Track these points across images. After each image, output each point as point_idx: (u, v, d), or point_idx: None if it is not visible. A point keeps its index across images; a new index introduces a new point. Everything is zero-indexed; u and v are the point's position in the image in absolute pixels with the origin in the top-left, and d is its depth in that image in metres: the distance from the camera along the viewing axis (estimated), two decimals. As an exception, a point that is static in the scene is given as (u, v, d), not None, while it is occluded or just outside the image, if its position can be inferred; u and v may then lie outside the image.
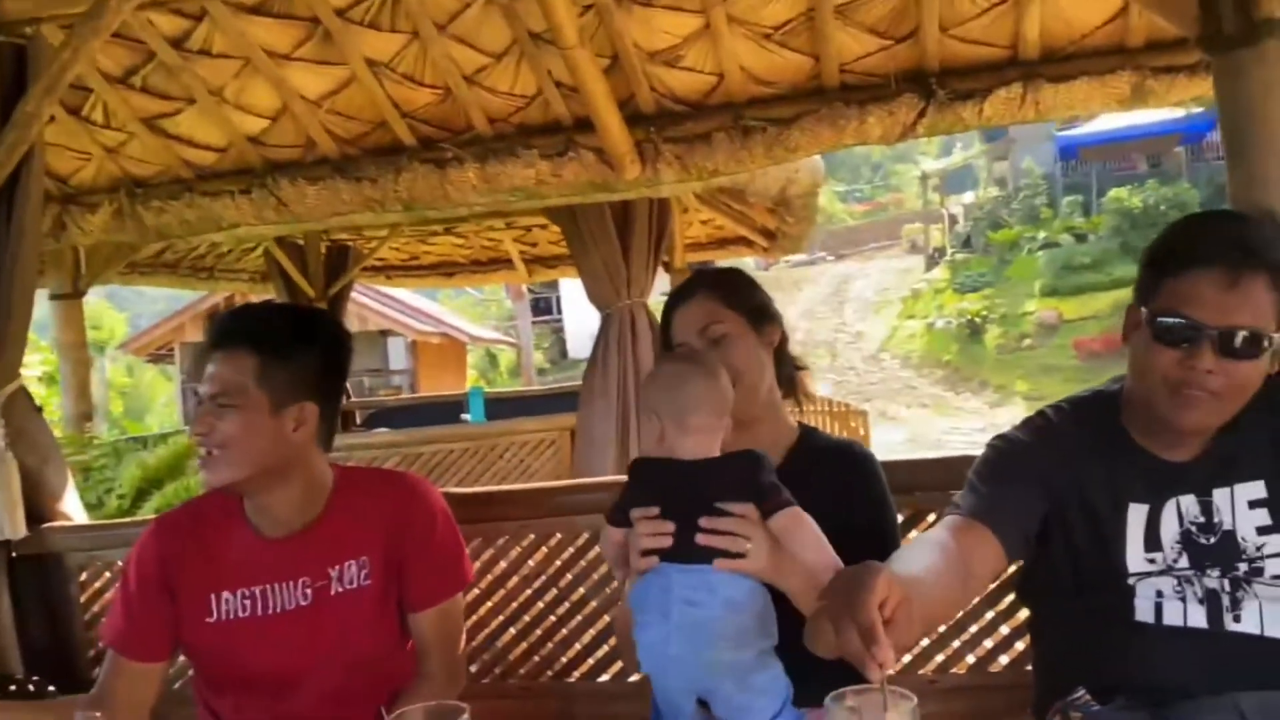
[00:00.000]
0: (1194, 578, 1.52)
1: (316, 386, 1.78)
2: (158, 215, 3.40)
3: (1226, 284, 1.44)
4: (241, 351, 1.71)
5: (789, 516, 1.45)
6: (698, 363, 1.57)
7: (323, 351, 1.81)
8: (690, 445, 1.49)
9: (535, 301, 25.04)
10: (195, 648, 1.82)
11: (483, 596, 2.36)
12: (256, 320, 1.80)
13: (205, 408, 1.71)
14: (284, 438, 1.73)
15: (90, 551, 2.59)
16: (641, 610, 1.47)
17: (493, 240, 7.92)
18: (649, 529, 1.47)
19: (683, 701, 1.47)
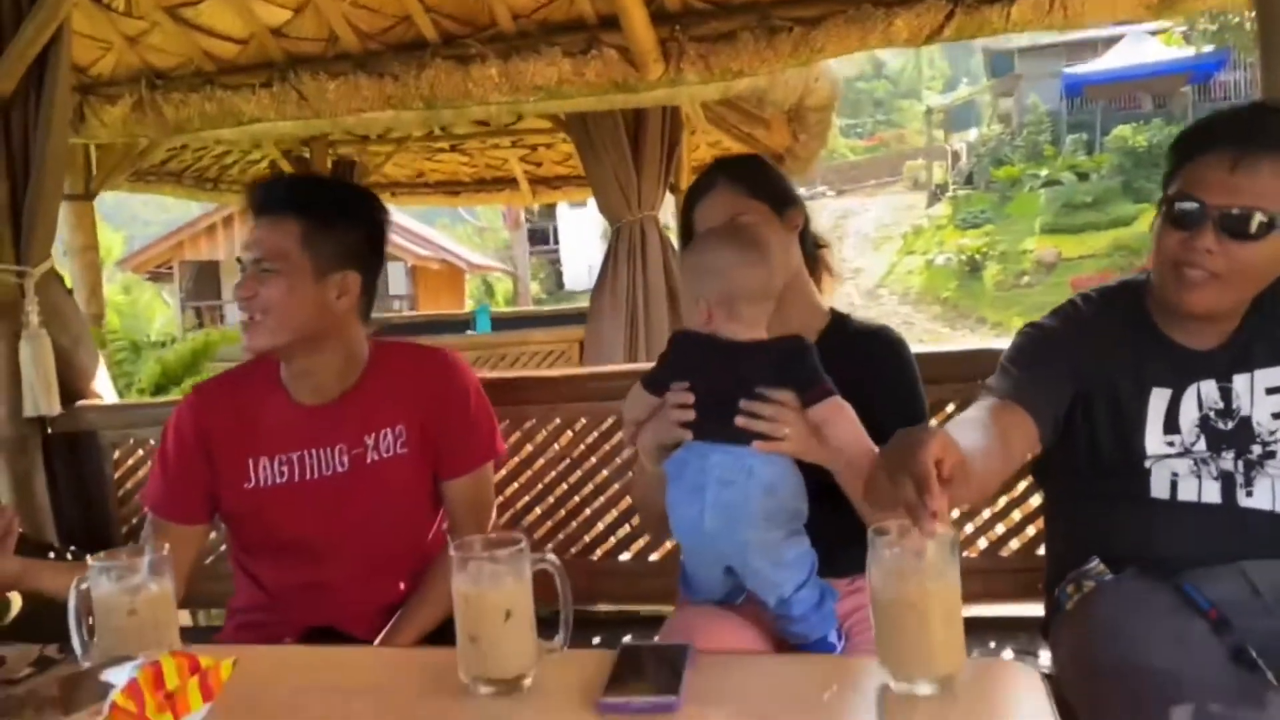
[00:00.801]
0: (1210, 459, 1.57)
1: (359, 257, 1.79)
2: (178, 108, 3.39)
3: (1229, 165, 1.46)
4: (286, 217, 1.72)
5: (830, 407, 1.45)
6: (747, 244, 1.54)
7: (365, 223, 1.82)
8: (738, 329, 1.49)
9: (533, 232, 24.93)
10: (233, 513, 1.86)
11: (510, 477, 2.42)
12: (302, 188, 1.82)
13: (249, 272, 1.72)
14: (326, 305, 1.75)
15: (123, 430, 2.65)
16: (675, 485, 1.49)
17: (498, 159, 7.88)
18: (678, 402, 1.48)
19: (712, 572, 1.52)
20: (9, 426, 2.54)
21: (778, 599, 1.47)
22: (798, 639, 1.50)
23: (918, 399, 1.73)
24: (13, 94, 2.50)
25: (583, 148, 4.77)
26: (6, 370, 2.52)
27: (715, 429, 1.45)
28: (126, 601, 1.30)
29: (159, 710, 1.05)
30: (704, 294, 1.50)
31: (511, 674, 1.20)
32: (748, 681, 1.19)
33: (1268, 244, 1.47)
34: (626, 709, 1.12)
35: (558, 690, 1.19)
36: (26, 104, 2.52)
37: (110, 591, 1.30)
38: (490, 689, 1.20)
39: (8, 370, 2.52)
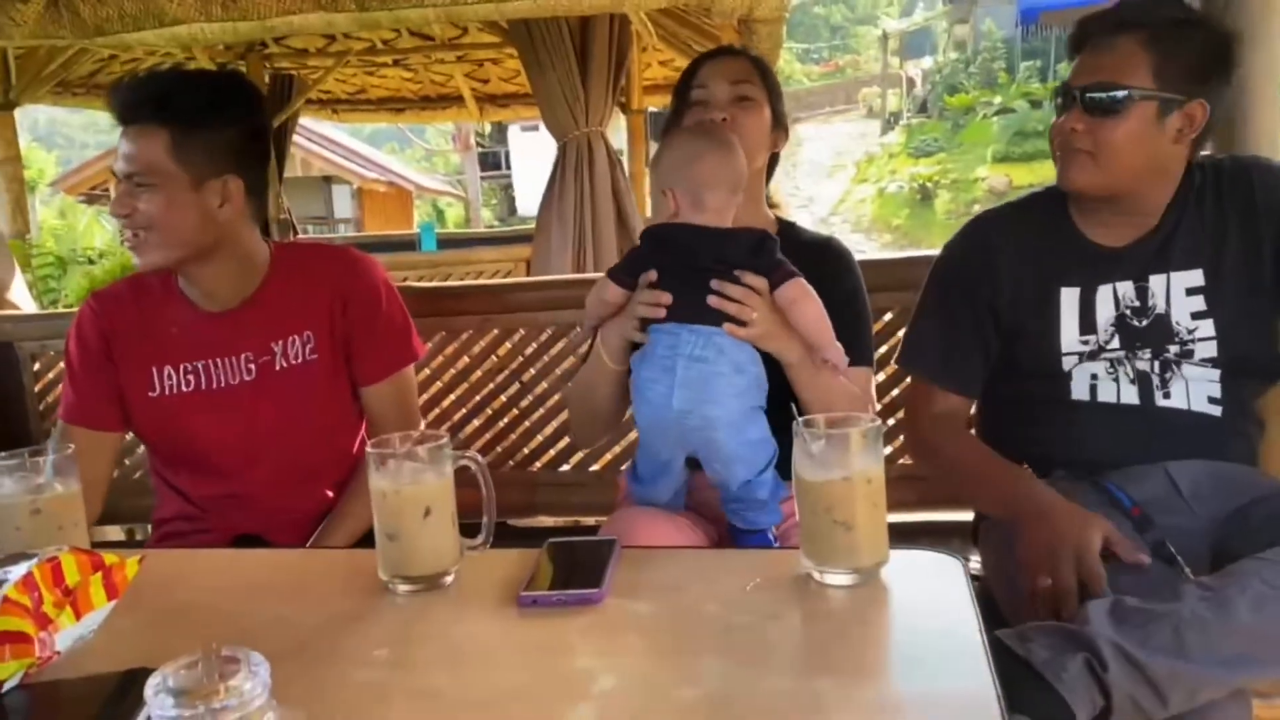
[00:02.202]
0: (1125, 359, 1.61)
1: (238, 158, 1.70)
2: (95, 7, 3.19)
3: (1092, 48, 1.57)
4: (152, 125, 1.63)
5: (796, 287, 1.47)
6: (714, 136, 1.56)
7: (240, 120, 1.72)
8: (706, 219, 1.51)
9: (484, 156, 24.45)
10: (141, 423, 1.81)
11: (446, 390, 2.39)
12: (164, 89, 1.68)
13: (123, 188, 1.64)
14: (209, 214, 1.67)
15: (42, 341, 2.55)
16: (644, 366, 1.49)
17: (443, 75, 7.66)
18: (650, 297, 1.48)
19: (673, 459, 1.52)
20: (-81, 337, 2.43)
21: (741, 481, 1.48)
22: (748, 524, 1.52)
23: (864, 309, 1.75)
24: (-90, -16, 2.33)
25: (528, 60, 4.63)
26: (-86, 278, 2.40)
27: (685, 310, 1.46)
28: (29, 501, 1.25)
29: (56, 606, 1.01)
30: (673, 183, 1.52)
31: (431, 571, 1.18)
32: (673, 574, 1.18)
33: (1131, 119, 1.52)
34: (547, 601, 1.10)
35: (480, 588, 1.17)
36: (-73, -3, 2.36)
37: (12, 491, 1.25)
38: (410, 586, 1.18)
39: (-84, 278, 2.40)
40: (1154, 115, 1.52)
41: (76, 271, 4.53)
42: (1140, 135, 1.53)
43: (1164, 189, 1.61)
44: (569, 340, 2.34)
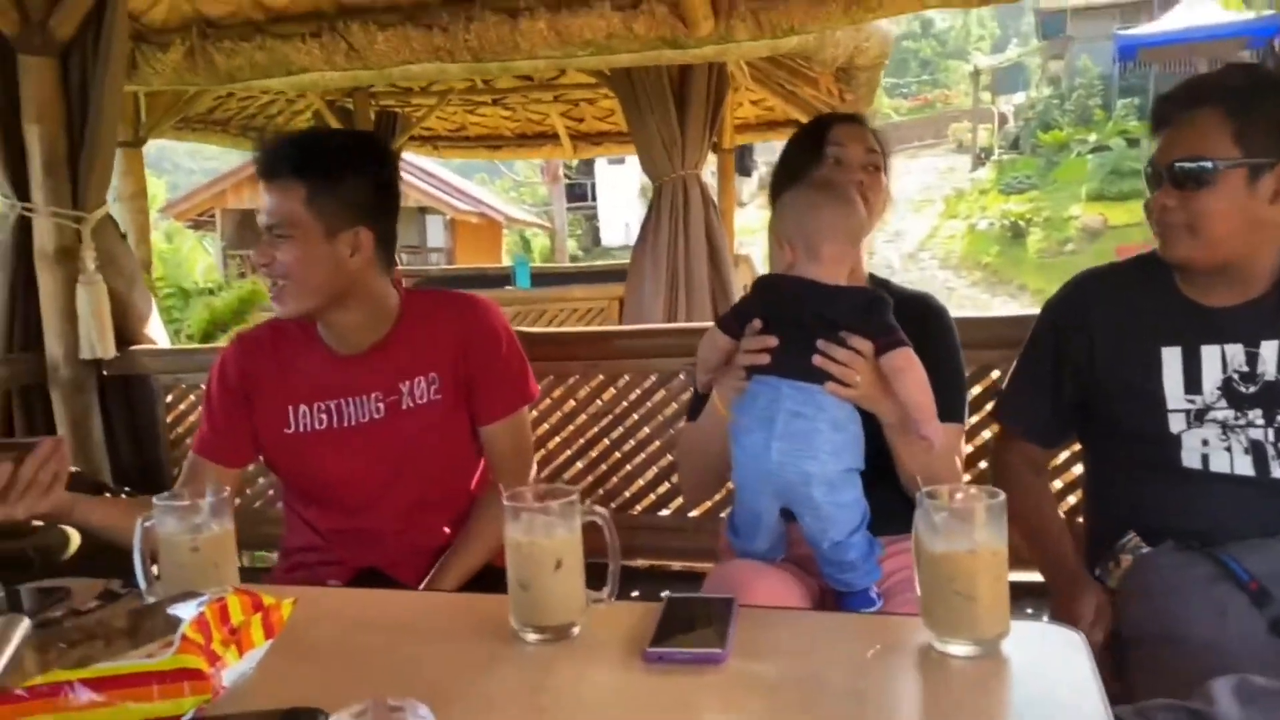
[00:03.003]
0: (1238, 428, 1.58)
1: (368, 211, 1.79)
2: (228, 57, 3.41)
3: (1171, 124, 1.58)
4: (290, 180, 1.72)
5: (902, 356, 1.48)
6: (835, 190, 1.58)
7: (371, 174, 1.81)
8: (821, 272, 1.52)
9: (571, 187, 24.85)
10: (277, 458, 1.91)
11: (552, 432, 2.46)
12: (301, 147, 1.79)
13: (264, 239, 1.74)
14: (341, 264, 1.76)
15: (176, 374, 2.71)
16: (743, 416, 1.52)
17: (539, 114, 7.86)
18: (754, 344, 1.51)
19: (768, 510, 1.54)
20: (66, 368, 2.60)
21: (832, 541, 1.49)
22: (844, 586, 1.52)
23: (959, 367, 1.76)
24: (71, 40, 2.53)
25: (627, 104, 4.74)
26: (64, 313, 2.57)
27: (789, 365, 1.48)
28: (189, 540, 1.34)
29: (224, 644, 1.08)
30: (790, 236, 1.55)
31: (560, 622, 1.22)
32: (792, 637, 1.21)
33: (1222, 188, 1.52)
34: (673, 659, 1.14)
35: (605, 639, 1.21)
36: (84, 51, 2.55)
37: (174, 529, 1.34)
38: (539, 636, 1.22)
39: (65, 313, 2.57)
40: (1244, 182, 1.51)
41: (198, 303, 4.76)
42: (1234, 203, 1.52)
43: (1270, 252, 1.59)
44: (671, 387, 2.39)
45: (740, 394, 1.56)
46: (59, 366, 2.60)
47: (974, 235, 21.68)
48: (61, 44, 2.50)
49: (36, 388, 2.62)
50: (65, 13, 2.48)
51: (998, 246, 20.72)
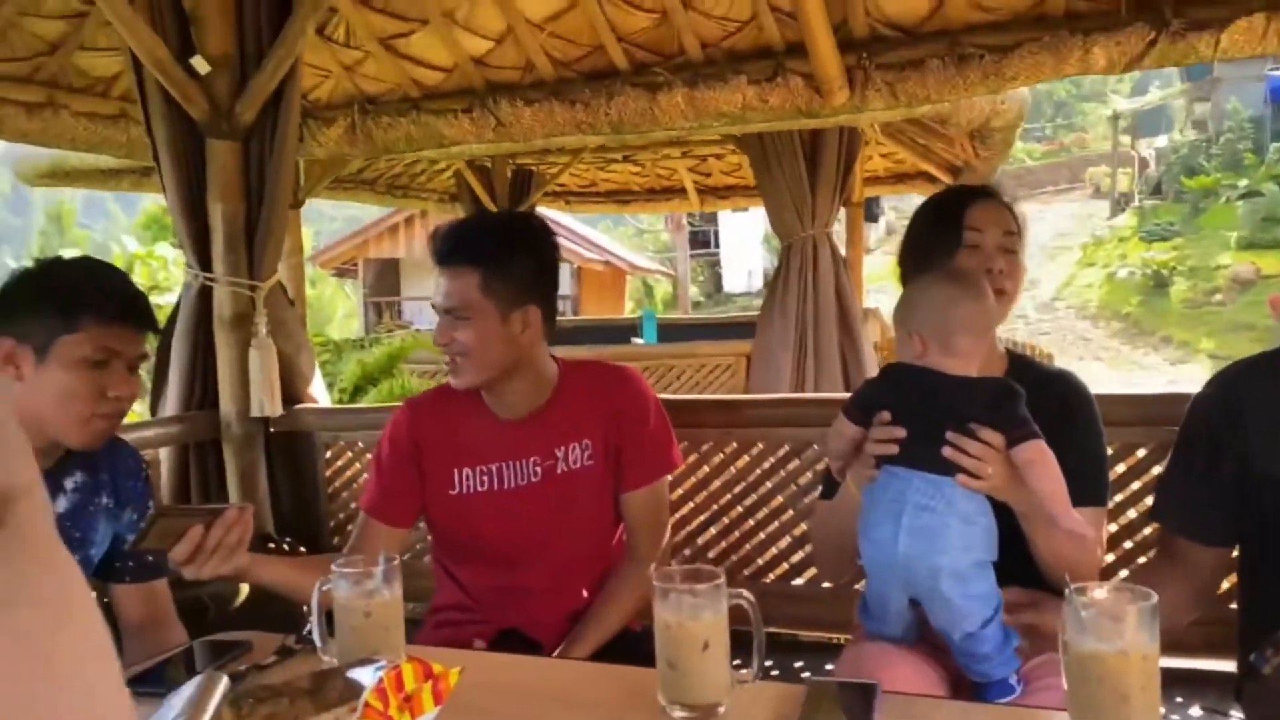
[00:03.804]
0: None
1: (535, 289, 1.91)
2: (386, 131, 3.64)
3: None
4: (465, 268, 1.86)
5: (1034, 449, 1.46)
6: (969, 284, 1.58)
7: (536, 256, 1.93)
8: (952, 365, 1.53)
9: (694, 234, 25.06)
10: (439, 518, 2.02)
11: (685, 497, 2.52)
12: (473, 236, 1.93)
13: (444, 320, 1.88)
14: (514, 340, 1.89)
15: (335, 431, 2.89)
16: (874, 506, 1.53)
17: (668, 169, 8.04)
18: (884, 435, 1.52)
19: (897, 600, 1.54)
20: (238, 425, 2.81)
21: (964, 633, 1.48)
22: (980, 678, 1.51)
23: (1100, 449, 1.74)
24: (252, 123, 2.76)
25: (757, 164, 4.82)
26: (238, 374, 2.78)
27: (918, 456, 1.48)
28: (363, 604, 1.45)
29: (400, 710, 1.18)
30: (920, 327, 1.55)
31: (707, 701, 1.27)
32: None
33: None
34: (820, 746, 1.17)
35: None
36: (263, 132, 2.78)
37: (349, 594, 1.45)
38: (686, 714, 1.27)
39: (239, 374, 2.78)
40: None
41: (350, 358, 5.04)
42: None
43: None
44: (805, 456, 2.42)
45: (871, 481, 1.56)
46: (231, 423, 2.81)
47: (1113, 284, 20.85)
48: (244, 128, 2.74)
49: (211, 443, 2.84)
50: (248, 100, 2.71)
51: (1139, 296, 19.86)
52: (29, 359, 1.60)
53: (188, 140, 2.75)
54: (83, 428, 1.64)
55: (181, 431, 2.81)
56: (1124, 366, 16.69)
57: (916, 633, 1.60)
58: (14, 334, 1.60)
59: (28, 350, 1.60)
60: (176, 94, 2.65)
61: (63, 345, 1.60)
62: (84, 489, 1.77)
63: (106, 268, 1.75)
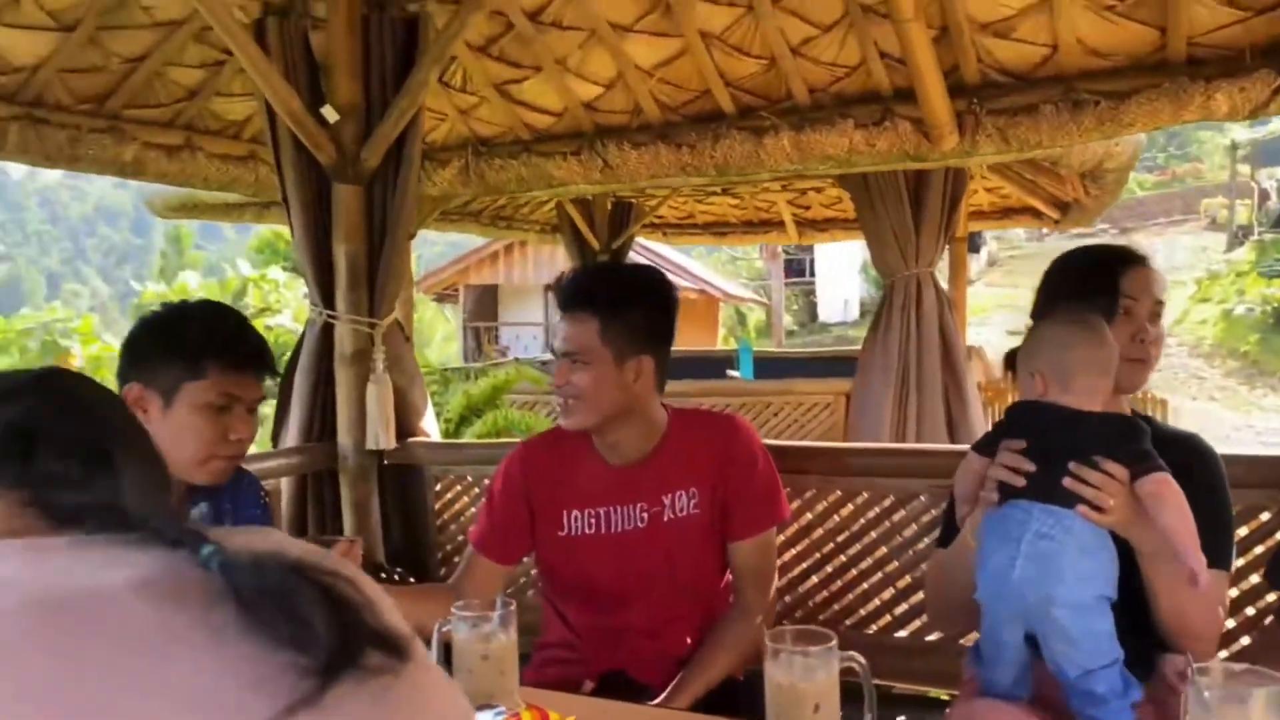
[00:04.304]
0: None
1: (650, 340, 1.97)
2: (498, 172, 3.77)
3: None
4: (586, 314, 1.92)
5: (1158, 482, 1.46)
6: (1089, 328, 1.61)
7: (654, 308, 2.00)
8: (1073, 402, 1.55)
9: (789, 263, 24.95)
10: (547, 557, 2.09)
11: (788, 544, 2.52)
12: (595, 285, 2.00)
13: (561, 363, 1.95)
14: (627, 387, 1.94)
15: (445, 466, 2.98)
16: (990, 536, 1.54)
17: (767, 202, 8.04)
18: (1008, 462, 1.53)
19: (1011, 634, 1.52)
20: (354, 457, 2.92)
21: (1080, 670, 1.46)
22: None
23: (1226, 512, 1.69)
24: (376, 169, 2.89)
25: (860, 201, 4.80)
26: (356, 408, 2.90)
27: (1040, 488, 1.49)
28: (480, 648, 1.51)
29: (520, 757, 1.23)
30: (1042, 368, 1.58)
31: (818, 762, 1.29)
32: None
33: None
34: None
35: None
36: (385, 176, 2.91)
37: (468, 636, 1.51)
38: (797, 773, 1.29)
39: (357, 408, 2.90)
40: None
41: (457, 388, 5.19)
42: None
43: None
44: (911, 508, 2.41)
45: (992, 508, 1.57)
46: (348, 455, 2.92)
47: (1229, 321, 19.97)
48: (368, 173, 2.87)
49: (328, 473, 2.96)
50: (373, 147, 2.84)
51: (1257, 334, 18.98)
52: (156, 403, 1.70)
53: (315, 184, 2.88)
54: (203, 467, 1.74)
55: (301, 462, 2.93)
56: (1241, 408, 15.94)
57: (1028, 686, 1.58)
58: (142, 379, 1.71)
59: (155, 395, 1.70)
60: (307, 141, 2.79)
61: (187, 391, 1.69)
62: (208, 518, 1.87)
63: (230, 316, 1.84)
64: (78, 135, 3.07)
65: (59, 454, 0.72)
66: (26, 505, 0.69)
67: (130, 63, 3.12)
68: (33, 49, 2.88)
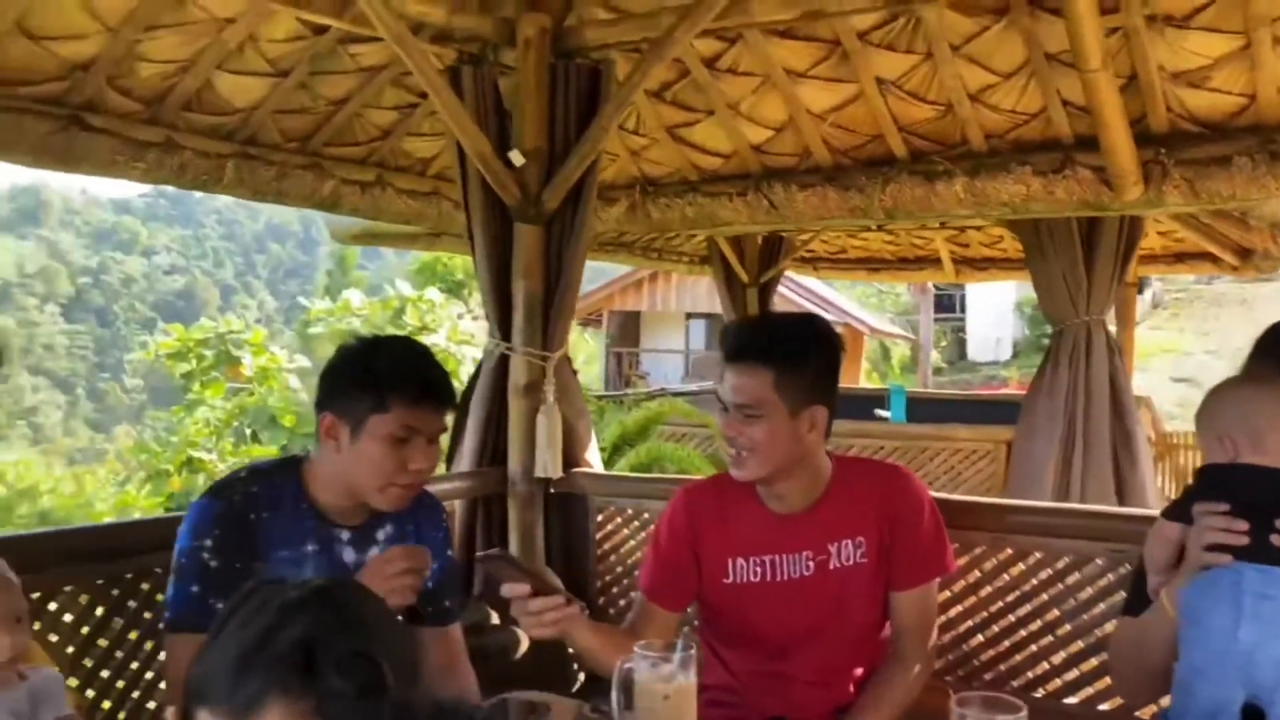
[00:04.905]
0: None
1: (822, 390, 1.98)
2: (663, 211, 3.86)
3: None
4: (759, 366, 1.93)
5: None
6: (1272, 385, 1.61)
7: (825, 358, 2.00)
8: (1266, 460, 1.53)
9: (938, 298, 24.31)
10: (711, 604, 2.11)
11: (955, 600, 2.47)
12: (768, 337, 2.01)
13: (733, 415, 1.95)
14: (800, 438, 1.95)
15: (608, 497, 3.07)
16: (1202, 601, 1.50)
17: (923, 238, 7.88)
18: (1221, 524, 1.49)
19: (1229, 703, 1.47)
20: (522, 484, 3.04)
21: None
22: None
23: None
24: (555, 209, 3.01)
25: (1029, 245, 4.67)
26: (526, 436, 3.02)
27: (1249, 550, 1.47)
28: (662, 688, 1.56)
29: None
30: (1230, 429, 1.56)
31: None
32: None
33: None
34: None
35: None
36: (564, 217, 3.03)
37: (649, 677, 1.56)
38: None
39: (527, 436, 3.02)
40: None
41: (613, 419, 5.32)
42: None
43: None
44: (1087, 571, 2.33)
45: (1196, 572, 1.53)
46: (517, 482, 3.04)
47: None
48: (548, 214, 3.00)
49: (497, 497, 3.09)
50: (554, 189, 2.97)
51: None
52: (345, 432, 1.83)
53: (498, 223, 3.03)
54: (382, 494, 1.85)
55: (473, 485, 3.07)
56: None
57: None
58: (334, 409, 1.84)
59: (345, 425, 1.83)
60: (494, 183, 2.94)
61: (374, 423, 1.80)
62: (393, 539, 1.97)
63: (417, 352, 1.94)
64: (284, 171, 3.32)
65: (337, 669, 0.84)
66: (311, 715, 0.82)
67: (334, 105, 3.35)
68: (250, 93, 3.14)
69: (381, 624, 0.93)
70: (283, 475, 1.89)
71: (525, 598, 1.71)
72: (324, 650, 0.84)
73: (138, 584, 2.16)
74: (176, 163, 3.01)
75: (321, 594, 0.90)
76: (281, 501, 1.84)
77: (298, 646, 0.84)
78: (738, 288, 7.46)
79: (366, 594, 0.96)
